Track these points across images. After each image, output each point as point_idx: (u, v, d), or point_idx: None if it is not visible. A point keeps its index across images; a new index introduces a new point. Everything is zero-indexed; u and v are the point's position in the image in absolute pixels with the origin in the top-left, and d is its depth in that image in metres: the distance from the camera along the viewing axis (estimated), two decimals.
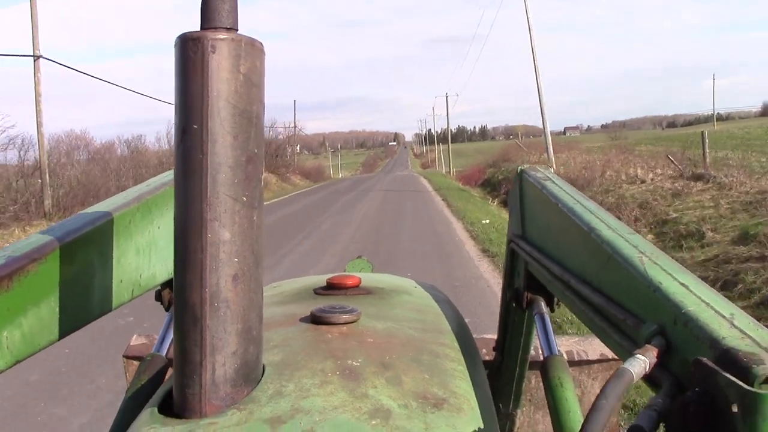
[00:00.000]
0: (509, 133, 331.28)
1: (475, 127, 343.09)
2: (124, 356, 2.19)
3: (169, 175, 1.38)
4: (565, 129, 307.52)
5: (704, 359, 0.66)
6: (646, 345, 0.77)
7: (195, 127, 0.79)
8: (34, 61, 18.37)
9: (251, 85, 0.81)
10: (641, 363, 0.74)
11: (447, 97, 73.55)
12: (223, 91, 0.79)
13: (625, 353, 0.85)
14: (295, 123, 64.06)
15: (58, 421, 4.77)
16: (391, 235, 14.84)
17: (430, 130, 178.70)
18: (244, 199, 0.81)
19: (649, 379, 0.75)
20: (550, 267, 1.19)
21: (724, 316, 0.74)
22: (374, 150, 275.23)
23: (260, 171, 0.84)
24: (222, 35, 0.79)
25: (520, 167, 1.49)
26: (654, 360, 0.75)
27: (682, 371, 0.73)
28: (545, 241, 1.29)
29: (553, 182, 1.32)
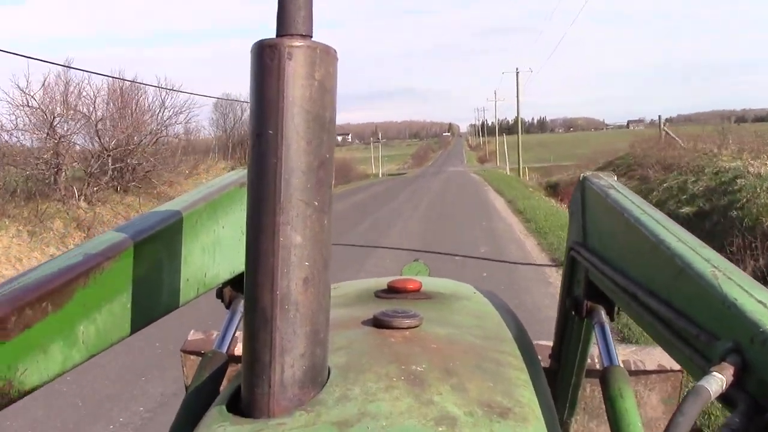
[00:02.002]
0: (569, 125, 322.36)
1: (533, 119, 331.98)
2: (182, 351, 2.19)
3: (234, 175, 1.40)
4: (629, 122, 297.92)
5: None
6: (722, 363, 0.75)
7: (270, 132, 0.81)
8: None
9: (325, 91, 0.83)
10: (718, 381, 0.72)
11: (518, 73, 54.67)
12: (298, 97, 0.81)
13: (696, 369, 0.84)
14: None
15: None
16: None
17: (484, 121, 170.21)
18: (316, 203, 0.83)
19: (724, 398, 0.74)
20: (613, 276, 1.17)
21: None
22: (427, 141, 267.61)
23: (331, 176, 0.86)
24: (298, 42, 0.81)
25: (582, 174, 1.48)
26: (731, 379, 0.73)
27: (759, 391, 0.71)
28: (608, 249, 1.27)
29: (617, 190, 1.30)
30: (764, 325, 0.74)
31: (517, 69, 55.59)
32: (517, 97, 54.19)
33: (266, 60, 0.81)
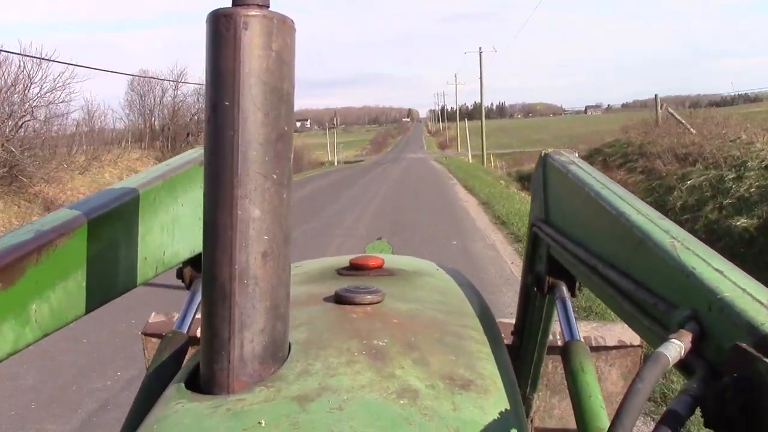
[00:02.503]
0: (528, 110, 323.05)
1: (492, 104, 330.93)
2: (142, 333, 2.17)
3: (193, 153, 1.38)
4: (586, 108, 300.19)
5: (744, 345, 0.66)
6: (681, 330, 0.76)
7: (226, 103, 0.79)
8: None
9: (282, 62, 0.81)
10: (677, 348, 0.73)
11: (481, 53, 50.78)
12: (255, 68, 0.79)
13: (656, 338, 0.85)
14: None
15: None
16: None
17: (444, 106, 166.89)
18: (274, 176, 0.82)
19: (682, 364, 0.75)
20: (574, 251, 1.18)
21: (761, 302, 0.72)
22: (386, 126, 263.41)
23: (290, 149, 0.85)
24: (254, 12, 0.79)
25: (543, 151, 1.48)
26: (689, 345, 0.74)
27: (717, 357, 0.72)
28: (570, 225, 1.28)
29: (578, 166, 1.31)
30: (721, 293, 0.74)
31: (480, 48, 51.15)
32: (481, 78, 49.79)
33: (221, 29, 0.79)
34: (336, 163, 68.34)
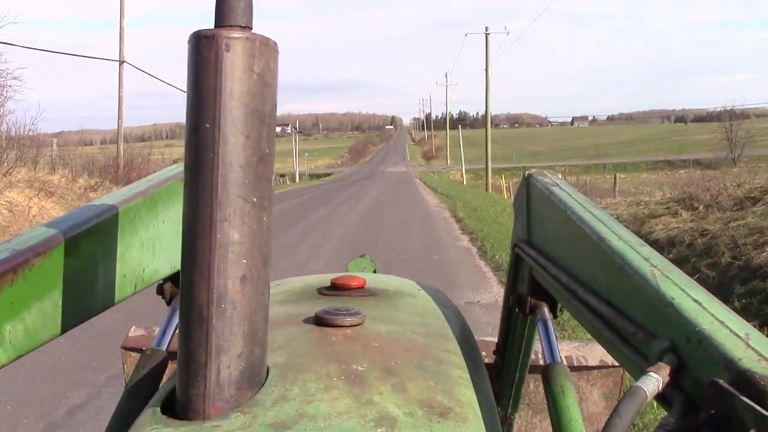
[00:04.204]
0: (513, 121, 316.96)
1: (477, 113, 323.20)
2: (122, 347, 2.14)
3: (174, 169, 1.38)
4: (573, 119, 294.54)
5: (721, 381, 0.65)
6: (659, 363, 0.76)
7: (207, 125, 0.79)
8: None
9: (264, 84, 0.81)
10: (654, 381, 0.72)
11: (487, 35, 39.72)
12: (237, 90, 0.79)
13: (634, 367, 0.85)
14: None
15: None
16: None
17: (430, 113, 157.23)
18: (255, 199, 0.81)
19: (660, 397, 0.74)
20: (556, 274, 1.18)
21: (739, 336, 0.72)
22: (368, 133, 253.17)
23: (271, 171, 0.84)
24: (237, 34, 0.79)
25: (527, 171, 1.48)
26: (667, 378, 0.74)
27: (695, 390, 0.72)
28: (552, 247, 1.28)
29: (561, 188, 1.31)
30: (699, 324, 0.74)
31: (486, 29, 39.49)
32: (486, 68, 38.33)
33: (203, 51, 0.78)
34: (297, 179, 57.17)
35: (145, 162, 24.52)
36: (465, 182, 53.63)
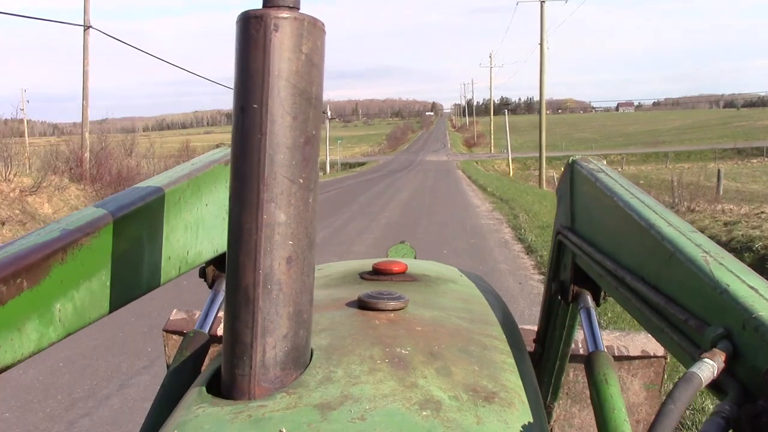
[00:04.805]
0: (557, 107, 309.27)
1: (519, 99, 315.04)
2: (164, 330, 2.18)
3: (218, 153, 1.39)
4: (618, 105, 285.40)
5: None
6: (713, 349, 0.74)
7: (255, 106, 0.79)
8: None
9: (312, 65, 0.81)
10: (709, 368, 0.72)
11: (542, 2, 33.28)
12: (284, 70, 0.79)
13: (686, 355, 0.84)
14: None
15: None
16: None
17: (472, 98, 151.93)
18: (301, 180, 0.81)
19: (714, 385, 0.73)
20: (601, 261, 1.16)
21: None
22: (408, 119, 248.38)
23: (317, 153, 0.84)
24: (285, 14, 0.79)
25: (571, 158, 1.46)
26: (722, 365, 0.73)
27: (751, 379, 0.71)
28: (597, 234, 1.26)
29: (607, 174, 1.29)
30: (756, 311, 0.73)
31: (542, 0, 33.70)
32: (541, 43, 32.71)
33: (251, 31, 0.78)
34: (328, 169, 52.57)
35: (125, 154, 20.17)
36: (512, 173, 48.28)
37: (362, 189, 27.95)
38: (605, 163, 1.41)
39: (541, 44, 32.56)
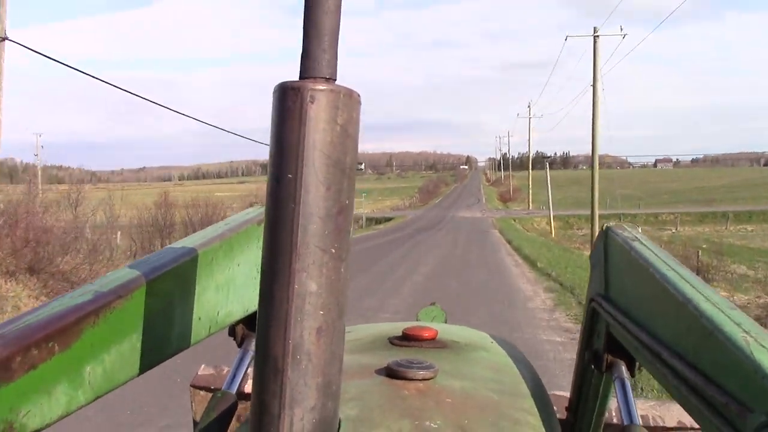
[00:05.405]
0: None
1: (555, 153, 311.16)
2: (191, 385, 2.18)
3: (252, 212, 1.40)
4: (656, 162, 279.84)
5: None
6: None
7: (289, 176, 0.79)
8: None
9: (346, 135, 0.82)
10: None
11: (596, 37, 28.74)
12: (319, 141, 0.80)
13: None
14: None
15: None
16: None
17: (508, 152, 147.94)
18: (333, 251, 0.81)
19: None
20: (636, 333, 1.14)
21: None
22: (442, 173, 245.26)
23: (350, 222, 0.84)
24: (321, 86, 0.80)
25: (605, 224, 1.46)
26: None
27: None
28: (631, 304, 1.24)
29: (642, 243, 1.27)
30: None
31: (595, 30, 29.14)
32: (594, 81, 27.90)
33: (288, 102, 0.80)
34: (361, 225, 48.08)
35: (69, 208, 15.93)
36: (554, 232, 42.96)
37: (374, 257, 22.67)
38: (639, 230, 1.39)
39: (594, 84, 28.13)
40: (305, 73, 0.81)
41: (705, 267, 22.70)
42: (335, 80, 0.82)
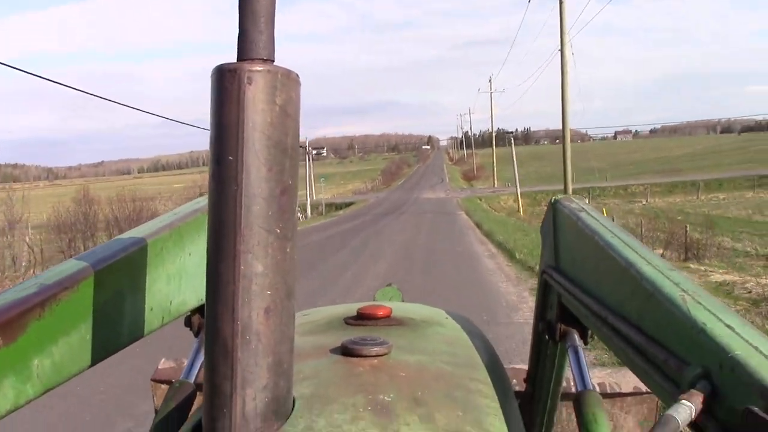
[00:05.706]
0: (555, 136, 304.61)
1: (516, 129, 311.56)
2: (152, 380, 2.15)
3: (199, 202, 1.40)
4: (616, 133, 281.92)
5: (756, 409, 0.65)
6: (692, 390, 0.74)
7: (230, 158, 0.80)
8: None
9: (286, 116, 0.82)
10: (687, 410, 0.72)
11: (561, 2, 24.69)
12: (259, 122, 0.80)
13: (667, 395, 0.84)
14: None
15: None
16: None
17: (469, 130, 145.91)
18: (278, 231, 0.82)
19: (694, 426, 0.74)
20: (585, 301, 1.17)
21: None
22: (405, 154, 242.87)
23: (294, 202, 0.85)
24: (258, 67, 0.80)
25: (553, 197, 1.48)
26: (700, 407, 0.72)
27: (729, 419, 0.71)
28: (580, 273, 1.27)
29: (588, 213, 1.30)
30: (733, 350, 0.73)
31: None
32: (561, 44, 25.45)
33: (226, 85, 0.80)
34: (309, 213, 45.18)
35: None
36: (522, 210, 40.66)
37: (327, 252, 19.79)
38: (587, 201, 1.40)
39: (562, 48, 25.62)
40: (242, 54, 0.80)
41: (695, 244, 20.36)
42: (273, 61, 0.81)
